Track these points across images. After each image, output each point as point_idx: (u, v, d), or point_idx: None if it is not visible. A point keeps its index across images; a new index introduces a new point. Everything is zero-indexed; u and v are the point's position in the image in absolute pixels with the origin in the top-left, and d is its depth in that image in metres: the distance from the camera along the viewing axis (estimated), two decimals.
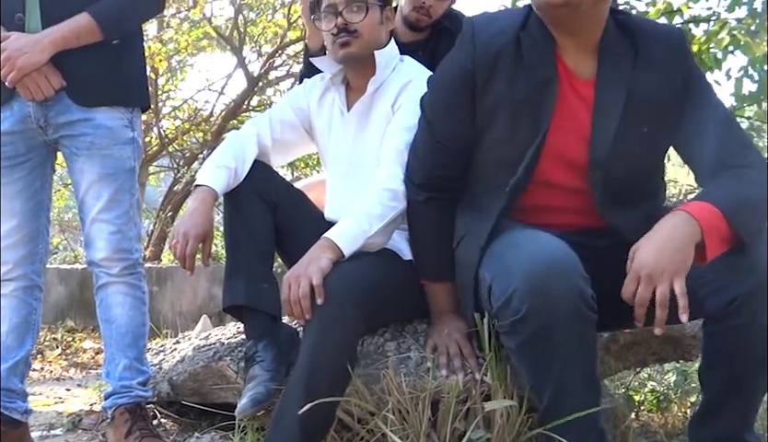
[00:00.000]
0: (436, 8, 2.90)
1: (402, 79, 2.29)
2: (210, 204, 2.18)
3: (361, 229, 2.05)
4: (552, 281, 1.63)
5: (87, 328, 5.76)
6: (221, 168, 2.22)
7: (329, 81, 2.40)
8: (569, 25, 1.88)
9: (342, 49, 2.26)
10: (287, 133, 2.43)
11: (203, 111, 8.03)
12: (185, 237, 2.11)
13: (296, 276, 1.94)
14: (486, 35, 1.95)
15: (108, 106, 2.35)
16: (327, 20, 2.27)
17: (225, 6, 7.52)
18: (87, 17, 2.28)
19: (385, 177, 2.14)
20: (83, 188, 2.36)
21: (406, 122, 2.19)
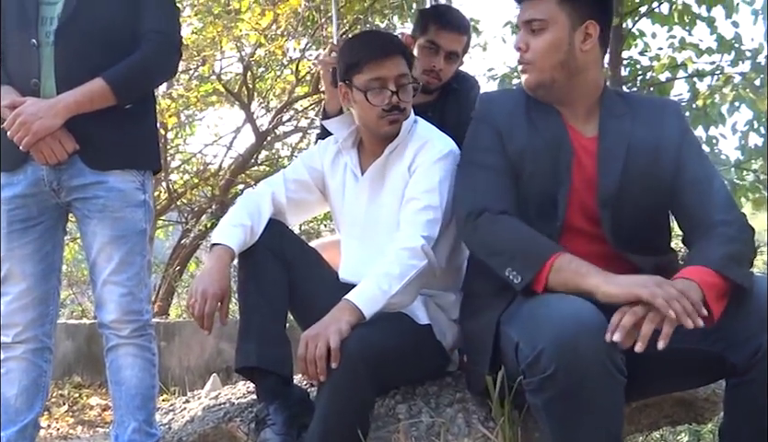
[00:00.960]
0: (445, 71, 2.95)
1: (418, 141, 2.32)
2: (227, 263, 2.19)
3: (381, 290, 2.05)
4: (580, 340, 1.65)
5: (94, 383, 5.74)
6: (237, 227, 2.24)
7: (340, 144, 2.42)
8: (557, 99, 2.05)
9: (392, 126, 2.28)
10: (302, 192, 2.45)
11: (212, 166, 8.10)
12: (203, 296, 2.11)
13: (315, 336, 1.94)
14: (498, 105, 2.12)
15: (120, 169, 2.38)
16: (377, 94, 2.25)
17: (233, 62, 7.60)
18: (101, 82, 2.32)
19: (403, 237, 2.16)
20: (95, 250, 2.37)
21: (424, 183, 2.22)
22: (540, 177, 2.01)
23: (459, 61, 3.02)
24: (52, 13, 2.35)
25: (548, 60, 2.01)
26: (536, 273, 1.82)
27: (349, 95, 2.31)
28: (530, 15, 2.02)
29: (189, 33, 6.67)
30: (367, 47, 2.31)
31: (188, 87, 7.20)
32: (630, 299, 1.69)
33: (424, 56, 2.94)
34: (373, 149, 2.37)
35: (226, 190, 7.45)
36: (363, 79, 2.26)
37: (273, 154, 8.33)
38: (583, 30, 2.00)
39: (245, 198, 2.38)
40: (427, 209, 2.19)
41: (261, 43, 7.04)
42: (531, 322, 1.75)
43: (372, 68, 2.24)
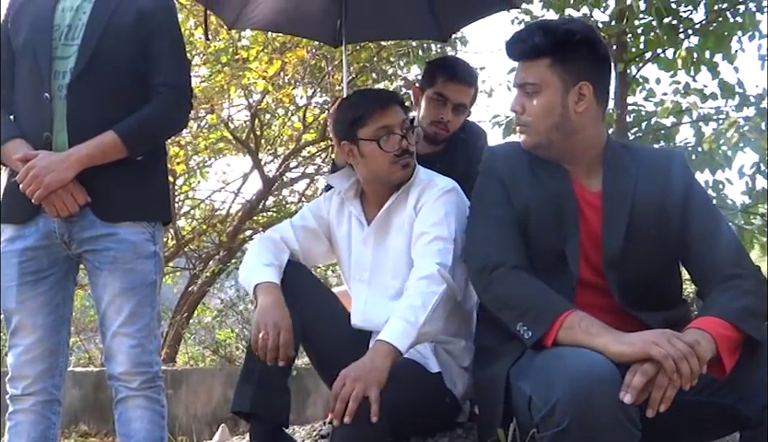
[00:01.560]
0: (453, 123, 2.98)
1: (420, 184, 2.39)
2: (282, 298, 2.21)
3: (409, 323, 2.09)
4: (595, 394, 1.64)
5: (100, 432, 5.71)
6: (270, 267, 2.29)
7: (343, 195, 2.47)
8: (558, 157, 2.06)
9: (404, 170, 2.36)
10: (311, 240, 2.49)
11: (220, 212, 8.13)
12: (276, 328, 2.13)
13: (355, 379, 1.97)
14: (503, 158, 2.14)
15: (131, 221, 2.39)
16: (387, 141, 2.34)
17: (241, 109, 7.67)
18: (113, 135, 2.34)
19: (419, 268, 2.21)
20: (105, 302, 2.38)
21: (431, 218, 2.30)
22: (546, 232, 2.02)
23: (467, 112, 3.05)
24: (64, 67, 2.38)
25: (543, 122, 2.02)
26: (546, 330, 1.82)
27: (354, 151, 2.37)
28: (523, 78, 2.05)
29: (197, 82, 6.75)
30: (367, 101, 2.42)
31: (196, 135, 7.26)
32: (640, 358, 1.68)
33: (432, 108, 2.97)
34: (377, 199, 2.42)
35: (234, 236, 7.47)
36: (370, 130, 2.33)
37: (281, 200, 8.36)
38: (576, 92, 2.01)
39: (262, 241, 2.42)
40: (437, 240, 2.26)
41: (268, 91, 7.11)
42: (545, 375, 1.74)
43: (377, 118, 2.33)
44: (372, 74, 7.27)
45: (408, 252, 2.34)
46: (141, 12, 2.44)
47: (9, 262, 2.38)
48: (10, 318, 2.39)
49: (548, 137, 2.03)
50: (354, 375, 1.98)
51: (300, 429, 2.70)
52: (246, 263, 2.37)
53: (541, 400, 1.71)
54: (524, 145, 2.08)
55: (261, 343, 2.13)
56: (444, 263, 2.21)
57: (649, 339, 1.70)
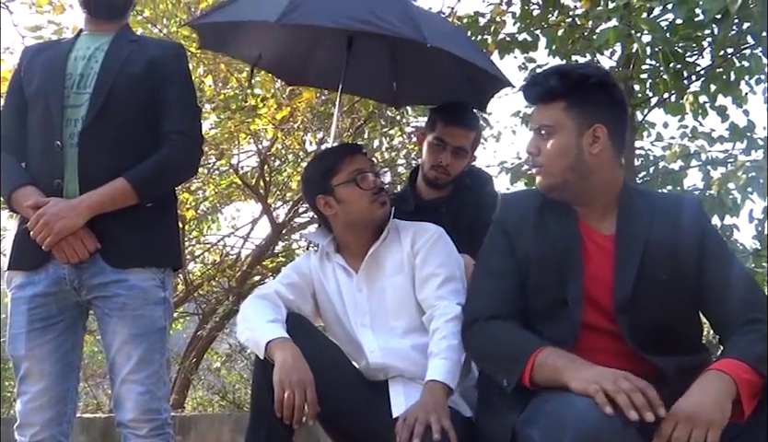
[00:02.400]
0: (454, 166, 2.98)
1: (408, 229, 2.47)
2: (300, 352, 2.18)
3: (453, 362, 2.16)
4: (601, 431, 1.64)
5: None
6: (276, 322, 2.27)
7: (322, 251, 2.51)
8: (572, 199, 2.08)
9: (383, 207, 2.44)
10: (299, 297, 2.47)
11: (230, 257, 8.14)
12: (301, 385, 2.11)
13: (426, 412, 2.01)
14: (512, 207, 2.18)
15: (141, 267, 2.40)
16: (363, 180, 2.42)
17: (251, 155, 7.71)
18: (123, 182, 2.36)
19: (441, 308, 2.27)
20: (114, 349, 2.38)
21: (436, 260, 2.37)
22: (547, 277, 2.03)
23: (470, 156, 3.05)
24: (76, 115, 2.41)
25: (557, 164, 2.05)
26: (520, 374, 1.86)
27: (331, 202, 2.44)
28: (539, 120, 2.08)
29: (207, 128, 6.80)
30: (334, 152, 2.60)
31: (206, 181, 7.30)
32: (591, 393, 1.69)
33: (431, 152, 3.00)
34: (359, 248, 2.46)
35: (243, 281, 7.46)
36: (344, 175, 2.43)
37: (290, 245, 8.37)
38: (591, 134, 2.03)
39: (258, 299, 2.38)
40: (449, 281, 2.34)
41: (277, 137, 7.16)
42: (555, 421, 1.73)
43: (348, 163, 2.44)
44: (380, 120, 7.32)
45: (409, 292, 2.38)
46: (152, 60, 2.48)
47: (19, 309, 2.39)
48: (19, 365, 2.39)
49: (563, 178, 2.05)
50: (424, 409, 2.03)
51: None
52: (246, 323, 2.32)
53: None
54: (539, 186, 2.10)
55: (287, 402, 2.09)
56: (461, 303, 2.28)
57: (600, 376, 1.72)
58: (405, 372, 2.31)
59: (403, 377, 2.31)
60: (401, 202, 2.93)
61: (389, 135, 7.72)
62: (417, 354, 2.29)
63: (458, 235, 2.54)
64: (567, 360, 1.83)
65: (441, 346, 2.19)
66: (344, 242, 2.49)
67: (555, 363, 1.83)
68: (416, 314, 2.37)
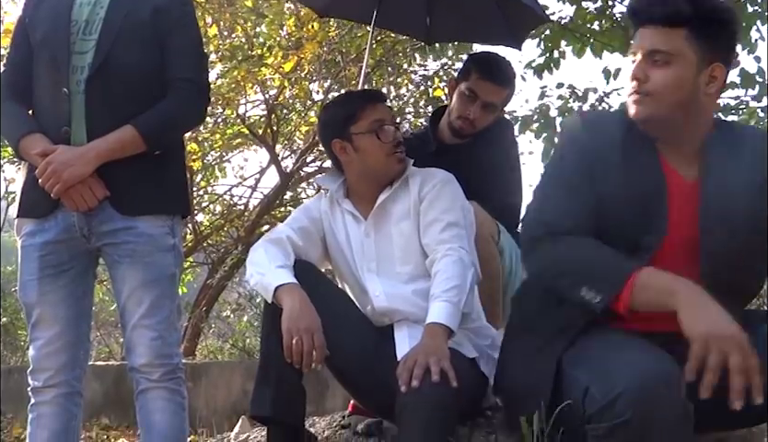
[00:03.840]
0: (480, 120, 2.96)
1: (417, 176, 2.45)
2: (308, 298, 2.20)
3: (453, 304, 2.18)
4: (661, 390, 1.62)
5: (121, 425, 5.74)
6: (285, 268, 2.28)
7: (332, 196, 2.49)
8: (665, 136, 1.93)
9: (400, 163, 2.42)
10: (308, 241, 2.47)
11: (238, 207, 8.16)
12: (309, 332, 2.13)
13: (426, 354, 2.03)
14: (594, 132, 1.98)
15: (150, 214, 2.40)
16: (383, 132, 2.40)
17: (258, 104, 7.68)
18: (132, 129, 2.35)
19: (443, 252, 2.28)
20: (125, 295, 2.39)
21: (440, 205, 2.37)
22: (623, 224, 1.88)
23: (498, 112, 3.02)
24: (83, 62, 2.40)
25: (668, 97, 1.86)
26: (618, 290, 1.73)
27: (348, 148, 2.42)
28: (654, 44, 1.87)
29: (213, 78, 6.77)
30: (357, 98, 2.52)
31: (213, 131, 7.28)
32: (695, 352, 1.62)
33: (461, 102, 2.96)
34: (369, 196, 2.45)
35: (252, 231, 7.49)
36: (364, 124, 2.40)
37: (298, 194, 8.37)
38: (708, 73, 1.88)
39: (268, 244, 2.39)
40: (452, 226, 2.34)
41: (284, 86, 7.12)
42: (606, 366, 1.70)
43: (369, 113, 2.41)
44: (388, 68, 7.27)
45: (416, 237, 2.39)
46: (158, 7, 2.46)
47: (30, 256, 2.40)
48: (31, 311, 2.41)
49: (670, 112, 1.87)
50: (424, 352, 2.04)
51: (321, 420, 2.71)
52: (256, 267, 2.33)
53: (600, 391, 1.68)
54: (636, 115, 1.90)
55: (296, 348, 2.12)
56: (465, 248, 2.30)
57: (710, 339, 1.62)
58: (410, 316, 2.33)
59: (408, 320, 2.33)
60: (421, 143, 2.92)
61: (396, 84, 7.67)
62: (420, 300, 2.31)
63: (475, 179, 2.53)
64: (683, 284, 1.69)
65: (442, 288, 2.20)
66: (355, 188, 2.49)
67: (667, 285, 1.70)
68: (422, 260, 2.38)
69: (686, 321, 1.65)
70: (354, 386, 2.45)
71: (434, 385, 1.96)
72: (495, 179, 2.87)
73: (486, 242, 2.64)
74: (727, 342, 1.62)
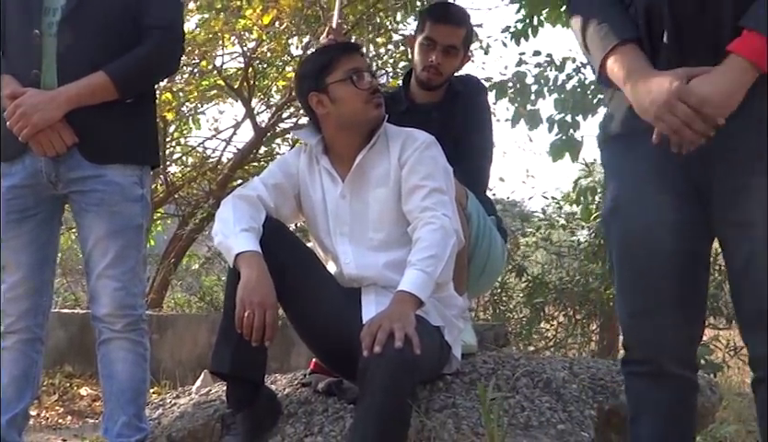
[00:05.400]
0: (445, 66, 2.94)
1: (398, 137, 2.41)
2: (266, 270, 2.18)
3: (427, 274, 2.16)
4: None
5: (85, 374, 5.72)
6: (249, 232, 2.25)
7: (312, 150, 2.45)
8: None
9: (378, 109, 2.38)
10: (281, 198, 2.45)
11: (212, 159, 8.08)
12: (261, 306, 2.12)
13: (391, 320, 2.01)
14: None
15: (119, 163, 2.38)
16: (359, 79, 2.36)
17: (235, 57, 7.59)
18: (103, 75, 2.32)
19: (425, 220, 2.25)
20: (90, 243, 2.37)
21: (422, 171, 2.33)
22: None
23: (461, 55, 3.01)
24: (55, 4, 2.35)
25: None
26: (601, 67, 1.76)
27: (324, 100, 2.38)
28: None
29: (191, 28, 6.67)
30: (333, 49, 2.50)
31: (188, 82, 7.19)
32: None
33: (422, 53, 2.96)
34: (348, 152, 2.41)
35: (225, 184, 7.42)
36: (340, 73, 2.37)
37: (274, 148, 8.31)
38: None
39: (238, 201, 2.36)
40: (435, 192, 2.30)
41: (263, 40, 7.03)
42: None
43: (345, 62, 2.38)
44: (369, 26, 7.19)
45: (392, 205, 2.36)
46: None
47: None
48: None
49: None
50: (389, 317, 2.03)
51: (282, 377, 2.72)
52: (222, 226, 2.30)
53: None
54: None
55: (247, 322, 2.11)
56: (449, 215, 2.28)
57: (655, 107, 1.63)
58: (379, 282, 2.33)
59: (377, 285, 2.33)
60: (392, 102, 2.90)
61: (376, 43, 7.60)
62: (390, 272, 2.30)
63: (445, 141, 2.52)
64: (626, 73, 1.69)
65: (419, 257, 2.18)
66: (333, 145, 2.44)
67: (618, 75, 1.71)
68: (395, 227, 2.36)
69: (636, 106, 1.68)
70: (318, 346, 2.45)
71: (396, 350, 1.95)
72: (465, 141, 2.86)
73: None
74: (661, 108, 1.62)
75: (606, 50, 1.74)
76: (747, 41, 1.59)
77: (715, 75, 1.61)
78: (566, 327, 5.99)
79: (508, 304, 6.23)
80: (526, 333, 5.85)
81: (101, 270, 2.36)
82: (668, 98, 1.61)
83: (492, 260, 2.79)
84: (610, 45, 1.74)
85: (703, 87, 1.60)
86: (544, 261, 6.83)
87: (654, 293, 1.78)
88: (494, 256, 2.80)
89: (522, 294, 6.17)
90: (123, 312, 2.37)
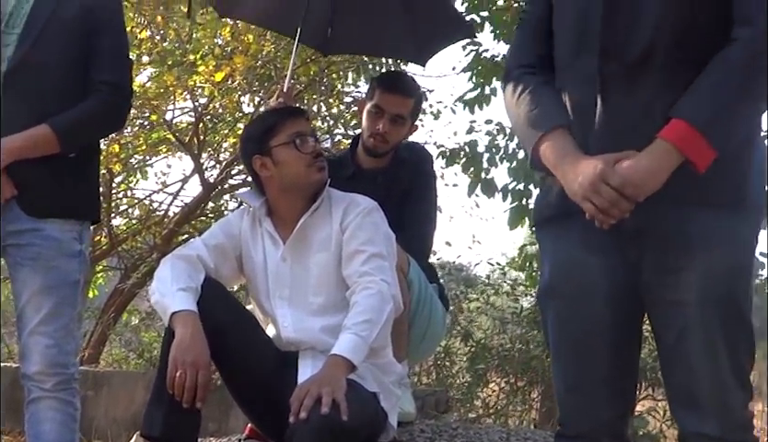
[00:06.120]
0: (392, 135, 2.98)
1: (341, 202, 2.43)
2: (201, 330, 2.16)
3: (362, 338, 2.15)
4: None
5: (14, 431, 5.55)
6: (187, 291, 2.23)
7: (255, 213, 2.46)
8: None
9: (320, 173, 2.39)
10: (221, 259, 2.44)
11: (158, 213, 8.00)
12: (194, 367, 2.09)
13: (319, 385, 1.99)
14: None
15: (58, 218, 2.34)
16: (302, 143, 2.38)
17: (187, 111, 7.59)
18: (47, 128, 2.30)
19: (363, 284, 2.25)
20: (24, 298, 2.32)
21: (362, 236, 2.34)
22: (565, 22, 1.82)
23: (408, 125, 3.05)
24: (2, 55, 2.33)
25: None
26: (534, 153, 1.80)
27: (267, 163, 2.39)
28: None
29: (142, 81, 6.67)
30: (278, 113, 2.55)
31: (137, 135, 7.16)
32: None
33: (370, 120, 2.99)
34: (291, 215, 2.42)
35: (169, 239, 7.35)
36: (284, 136, 2.39)
37: (220, 206, 8.27)
38: None
39: (177, 262, 2.34)
40: (374, 257, 2.31)
41: (215, 96, 7.05)
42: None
43: (289, 125, 2.40)
44: (321, 88, 7.26)
45: (332, 269, 2.36)
46: (86, 6, 2.41)
47: None
48: None
49: None
50: (318, 382, 2.01)
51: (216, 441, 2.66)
52: (160, 285, 2.29)
53: None
54: None
55: (178, 381, 2.09)
56: (387, 280, 2.27)
57: (582, 190, 1.67)
58: (316, 346, 2.32)
59: (315, 349, 2.32)
60: (339, 166, 2.92)
61: (327, 103, 7.67)
62: (327, 337, 2.29)
63: (390, 207, 2.54)
64: (556, 159, 1.74)
65: (354, 321, 2.18)
66: (276, 207, 2.45)
67: (550, 160, 1.76)
68: (335, 292, 2.36)
69: (566, 189, 1.73)
70: (252, 410, 2.43)
71: (322, 416, 1.93)
72: (410, 208, 2.89)
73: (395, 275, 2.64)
74: (587, 190, 1.66)
75: (538, 136, 1.79)
76: (673, 128, 1.65)
77: (638, 157, 1.66)
78: (508, 394, 6.00)
79: (451, 369, 6.23)
80: (467, 400, 5.84)
81: (34, 326, 2.31)
82: (592, 180, 1.66)
83: (433, 326, 2.80)
84: (541, 131, 1.79)
85: (625, 169, 1.65)
86: (487, 326, 6.86)
87: (590, 368, 1.80)
88: (434, 323, 2.81)
89: (465, 359, 6.17)
90: (54, 371, 2.31)
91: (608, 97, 1.73)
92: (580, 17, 1.78)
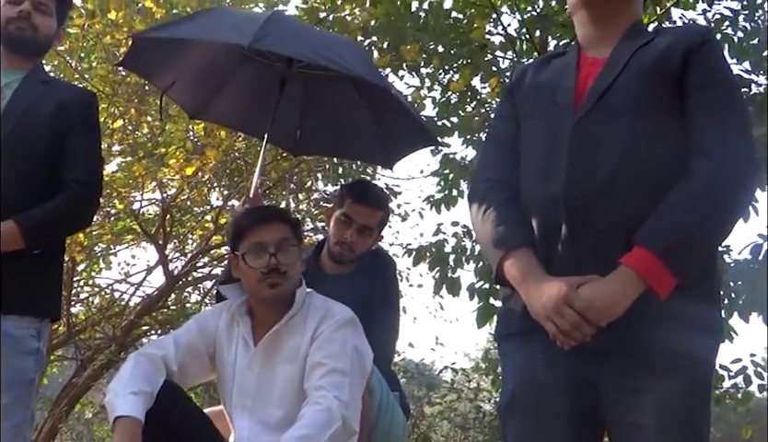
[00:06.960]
0: (358, 244, 2.99)
1: (318, 312, 2.37)
2: (138, 437, 2.11)
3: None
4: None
5: None
6: (139, 395, 2.18)
7: (234, 311, 2.42)
8: (603, 16, 1.91)
9: (272, 289, 2.32)
10: (189, 358, 2.40)
11: (119, 304, 7.88)
12: None
13: None
14: (521, 69, 2.08)
15: (17, 314, 2.30)
16: (256, 257, 2.32)
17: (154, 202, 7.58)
18: (12, 225, 2.28)
19: (315, 399, 2.18)
20: None
21: (328, 349, 2.28)
22: (539, 108, 1.90)
23: (375, 235, 3.08)
24: None
25: None
26: (498, 270, 1.83)
27: (238, 264, 2.37)
28: None
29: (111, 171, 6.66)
30: (250, 216, 2.48)
31: (102, 224, 7.11)
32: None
33: (338, 228, 3.01)
34: (267, 318, 2.38)
35: (129, 331, 7.24)
36: (246, 244, 2.35)
37: (183, 298, 8.18)
38: None
39: (138, 361, 2.31)
40: (334, 372, 2.24)
41: (183, 189, 7.06)
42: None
43: (252, 234, 2.36)
44: (291, 185, 7.31)
45: (297, 382, 2.31)
46: (61, 104, 2.44)
47: None
48: None
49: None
50: None
51: None
52: (115, 384, 2.24)
53: None
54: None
55: None
56: (341, 398, 2.20)
57: (545, 311, 1.70)
58: None
59: None
60: None
61: (297, 200, 7.72)
62: None
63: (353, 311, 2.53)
64: (521, 277, 1.77)
65: (291, 434, 2.12)
66: (254, 309, 2.41)
67: (514, 279, 1.79)
68: (298, 406, 2.29)
69: (529, 308, 1.75)
70: None
71: None
72: (372, 316, 2.88)
73: None
74: (550, 311, 1.69)
75: (502, 254, 1.83)
76: (636, 255, 1.69)
77: (602, 282, 1.69)
78: None
79: None
80: None
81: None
82: (556, 302, 1.69)
83: (394, 434, 2.77)
84: (505, 249, 1.83)
85: (588, 293, 1.68)
86: (448, 432, 6.78)
87: None
88: (395, 430, 2.77)
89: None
90: None
91: (571, 221, 1.77)
92: (545, 164, 1.84)
